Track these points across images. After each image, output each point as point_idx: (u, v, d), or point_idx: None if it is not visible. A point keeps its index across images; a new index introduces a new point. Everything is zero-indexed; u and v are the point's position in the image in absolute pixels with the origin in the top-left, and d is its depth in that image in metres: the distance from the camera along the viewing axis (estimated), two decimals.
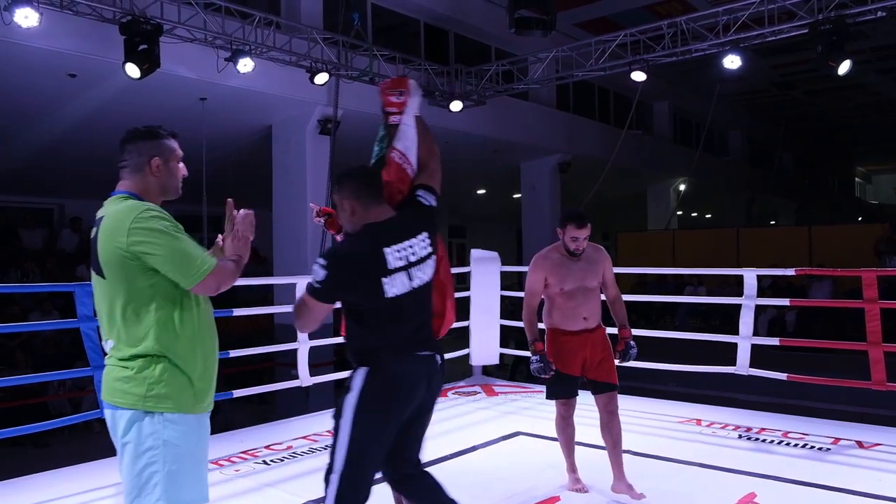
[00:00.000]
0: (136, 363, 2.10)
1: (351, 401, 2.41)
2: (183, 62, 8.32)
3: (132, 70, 7.23)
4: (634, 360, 3.84)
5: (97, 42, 7.57)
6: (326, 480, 2.42)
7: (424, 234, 2.54)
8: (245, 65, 8.28)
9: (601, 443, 3.73)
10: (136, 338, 2.11)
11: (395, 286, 2.41)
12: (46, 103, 9.20)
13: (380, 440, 2.43)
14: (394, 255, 2.42)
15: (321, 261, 2.39)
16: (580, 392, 3.78)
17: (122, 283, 2.12)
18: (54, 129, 9.90)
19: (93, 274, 2.21)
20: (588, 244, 3.69)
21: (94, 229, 2.22)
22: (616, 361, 3.80)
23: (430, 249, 2.55)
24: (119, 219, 2.14)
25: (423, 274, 2.52)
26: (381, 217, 2.48)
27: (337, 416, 2.44)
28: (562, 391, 3.72)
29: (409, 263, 2.45)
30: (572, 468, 3.81)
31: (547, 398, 3.81)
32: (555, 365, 3.63)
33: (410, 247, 2.47)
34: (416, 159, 2.71)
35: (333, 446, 2.42)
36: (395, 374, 2.42)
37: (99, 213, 2.24)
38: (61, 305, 9.60)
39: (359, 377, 2.43)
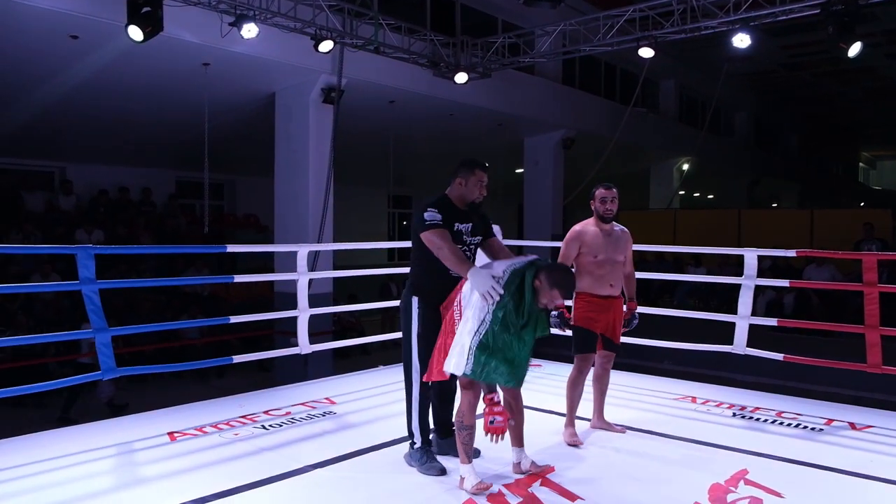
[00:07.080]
0: None
1: None
2: (186, 26, 8.23)
3: (135, 33, 7.14)
4: (634, 329, 4.51)
5: (100, 3, 7.49)
6: None
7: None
8: (249, 30, 8.19)
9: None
10: None
11: None
12: (48, 65, 9.11)
13: None
14: None
15: None
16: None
17: None
18: (56, 92, 9.81)
19: None
20: (618, 226, 4.31)
21: None
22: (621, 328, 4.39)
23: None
24: None
25: None
26: None
27: None
28: (584, 346, 4.24)
29: None
30: (571, 422, 4.18)
31: (573, 353, 4.26)
32: (582, 323, 4.20)
33: None
34: None
35: None
36: None
37: None
38: (61, 269, 9.62)
39: None
